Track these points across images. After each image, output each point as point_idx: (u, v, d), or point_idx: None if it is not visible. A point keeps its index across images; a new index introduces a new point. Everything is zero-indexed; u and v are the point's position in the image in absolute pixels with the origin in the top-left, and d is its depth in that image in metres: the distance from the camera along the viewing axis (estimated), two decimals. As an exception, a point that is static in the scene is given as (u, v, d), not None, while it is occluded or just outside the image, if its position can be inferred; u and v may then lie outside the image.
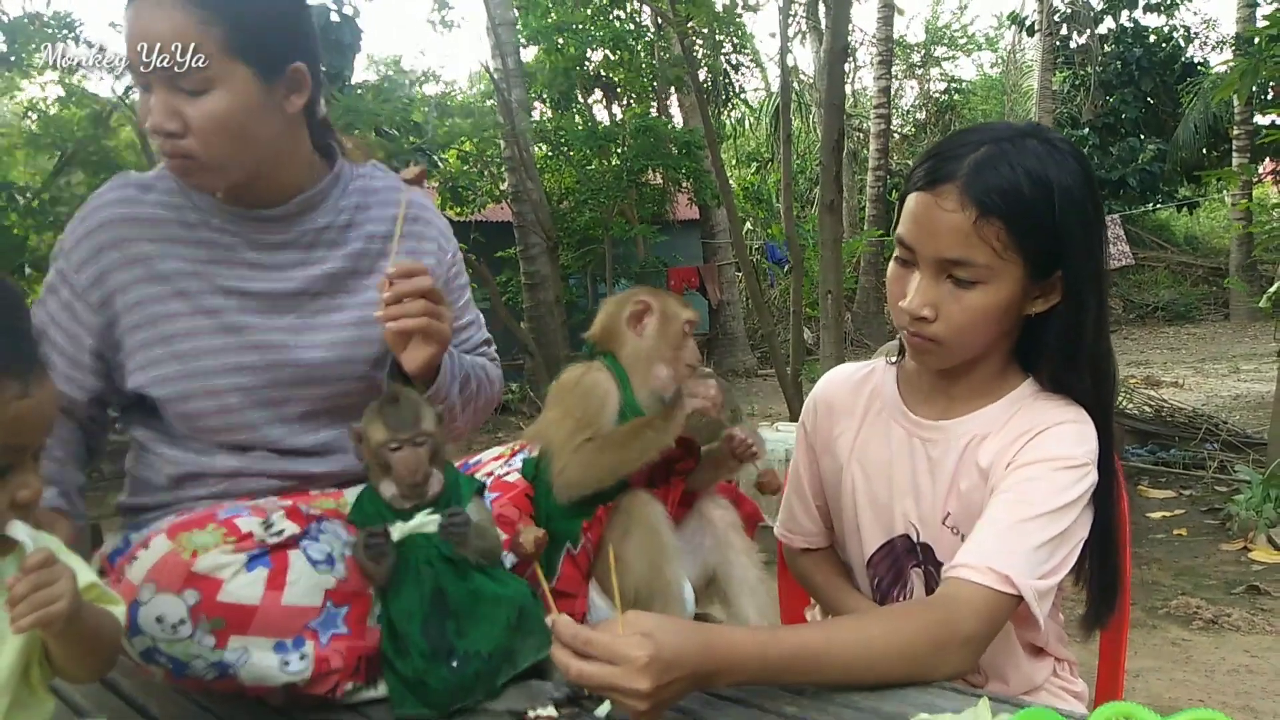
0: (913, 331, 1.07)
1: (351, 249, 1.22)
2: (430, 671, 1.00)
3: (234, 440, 1.17)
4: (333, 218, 1.21)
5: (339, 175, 1.23)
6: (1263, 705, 2.61)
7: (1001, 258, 1.00)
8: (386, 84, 8.79)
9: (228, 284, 1.17)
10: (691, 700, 0.99)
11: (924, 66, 20.58)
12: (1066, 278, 1.04)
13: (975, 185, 0.99)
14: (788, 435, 4.72)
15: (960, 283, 1.02)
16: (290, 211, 1.19)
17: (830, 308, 5.18)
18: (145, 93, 1.10)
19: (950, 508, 1.13)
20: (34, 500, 0.77)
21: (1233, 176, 9.44)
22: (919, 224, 1.03)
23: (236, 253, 1.18)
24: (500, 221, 10.30)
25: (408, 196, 1.23)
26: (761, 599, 1.18)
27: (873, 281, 13.41)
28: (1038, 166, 1.00)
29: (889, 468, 1.18)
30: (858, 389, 1.25)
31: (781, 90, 7.62)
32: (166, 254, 1.17)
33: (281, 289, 1.18)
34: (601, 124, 10.87)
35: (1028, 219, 1.00)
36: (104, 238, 1.16)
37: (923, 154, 1.09)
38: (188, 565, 0.96)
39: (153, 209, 1.18)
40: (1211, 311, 14.47)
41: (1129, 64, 14.75)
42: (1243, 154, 12.50)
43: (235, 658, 0.97)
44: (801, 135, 16.22)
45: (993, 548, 1.01)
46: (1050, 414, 1.08)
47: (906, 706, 0.94)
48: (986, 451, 1.10)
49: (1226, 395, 7.89)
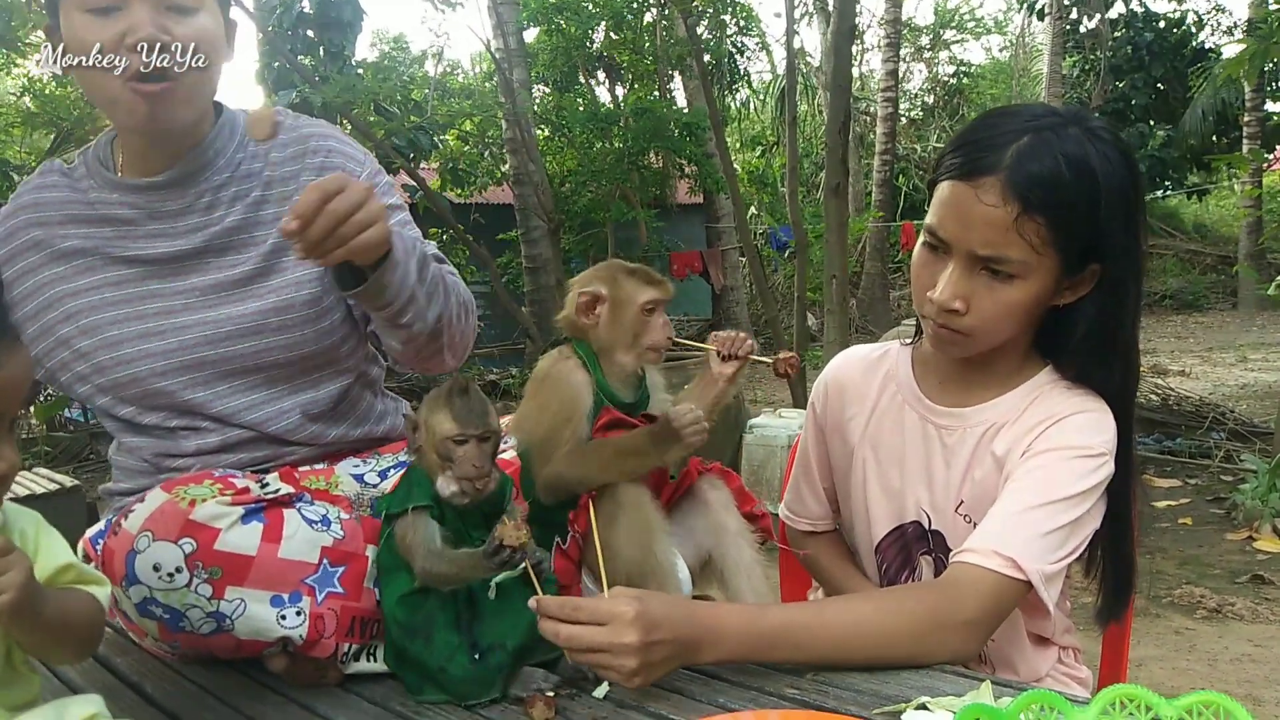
0: (940, 323, 1.04)
1: (252, 198, 1.19)
2: (453, 660, 0.99)
3: (157, 407, 1.17)
4: (229, 173, 1.19)
5: (229, 124, 1.20)
6: (1266, 694, 2.60)
7: (1039, 253, 0.97)
8: (387, 62, 8.72)
9: (129, 253, 1.16)
10: (689, 682, 0.98)
11: (932, 50, 20.40)
12: (1105, 270, 1.01)
13: (1017, 179, 0.95)
14: (791, 422, 4.69)
15: (995, 276, 0.99)
16: (187, 170, 1.17)
17: (835, 292, 5.14)
18: (106, 15, 1.05)
19: (964, 495, 1.11)
20: (8, 473, 0.75)
21: (1243, 162, 9.34)
22: (955, 216, 0.99)
23: (138, 225, 1.17)
24: (501, 204, 10.25)
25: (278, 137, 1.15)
26: (758, 580, 1.16)
27: (878, 267, 13.34)
28: (1081, 157, 0.96)
29: (902, 453, 1.16)
30: (871, 372, 1.23)
31: (787, 72, 7.54)
32: (69, 234, 1.17)
33: (183, 249, 1.16)
34: (604, 106, 10.78)
35: (1070, 214, 0.96)
36: (14, 223, 1.19)
37: (957, 139, 1.05)
38: (185, 514, 0.95)
39: (62, 192, 1.20)
40: (1219, 300, 14.39)
41: (1139, 49, 14.60)
42: (1253, 140, 12.38)
43: (232, 609, 0.97)
44: (807, 118, 16.10)
45: (1001, 532, 0.99)
46: (1069, 403, 1.06)
47: (908, 690, 0.93)
48: (1003, 440, 1.08)
49: (1233, 384, 7.85)
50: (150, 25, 1.05)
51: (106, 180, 1.18)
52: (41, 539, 0.81)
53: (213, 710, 1.02)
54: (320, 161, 1.21)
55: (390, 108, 7.78)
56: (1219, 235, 16.89)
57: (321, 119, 1.29)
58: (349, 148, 1.25)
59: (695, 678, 1.00)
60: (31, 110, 7.03)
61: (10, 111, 7.47)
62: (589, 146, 10.31)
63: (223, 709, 1.02)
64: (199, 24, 1.09)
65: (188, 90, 1.10)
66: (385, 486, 1.26)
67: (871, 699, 0.92)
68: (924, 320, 1.09)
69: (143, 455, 1.21)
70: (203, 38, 1.09)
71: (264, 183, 1.20)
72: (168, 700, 1.05)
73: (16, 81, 7.94)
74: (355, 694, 1.04)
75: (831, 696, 0.94)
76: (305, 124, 1.25)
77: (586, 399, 1.16)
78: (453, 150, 9.22)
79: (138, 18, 1.05)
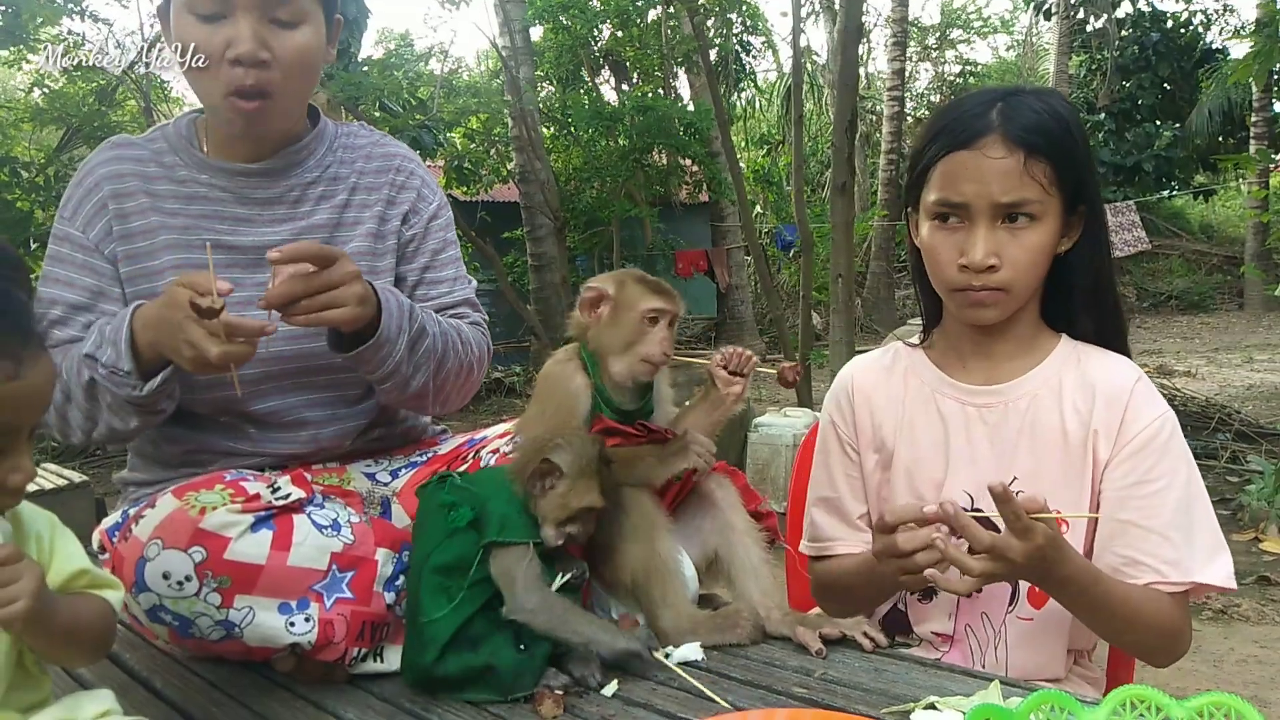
0: (978, 285, 1.08)
1: (337, 200, 1.22)
2: (500, 655, 0.98)
3: (215, 402, 1.16)
4: (319, 173, 1.23)
5: (323, 131, 1.25)
6: (1271, 695, 2.60)
7: (1048, 193, 1.06)
8: (393, 59, 8.72)
9: (216, 238, 1.16)
10: (701, 679, 0.98)
11: (939, 49, 20.34)
12: (1089, 212, 1.11)
13: (1013, 131, 1.05)
14: (796, 421, 4.69)
15: (1015, 225, 1.07)
16: (277, 165, 1.19)
17: (841, 291, 5.14)
18: (212, 21, 1.06)
19: (1016, 471, 1.12)
20: (24, 484, 0.75)
21: (1250, 162, 9.32)
22: (968, 179, 1.07)
23: (226, 207, 1.19)
24: (507, 202, 10.25)
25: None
26: (765, 579, 1.16)
27: (883, 266, 13.31)
28: (1053, 109, 1.08)
29: (943, 442, 1.16)
30: (889, 373, 1.24)
31: (794, 70, 7.52)
32: (157, 208, 1.17)
33: (269, 239, 1.17)
34: (609, 104, 10.77)
35: (1063, 154, 1.07)
36: (103, 194, 1.18)
37: (929, 129, 1.13)
38: (195, 522, 0.95)
39: (143, 165, 1.19)
40: (1226, 301, 14.33)
41: (1146, 49, 14.53)
42: (1260, 141, 12.33)
43: (240, 617, 0.97)
44: (813, 117, 16.08)
45: (1182, 560, 1.07)
46: (1113, 369, 1.12)
47: (916, 690, 0.93)
48: (1067, 413, 1.11)
49: (1239, 385, 7.82)
50: (251, 41, 1.06)
51: (196, 160, 1.19)
52: (57, 543, 0.80)
53: (222, 706, 1.03)
54: (401, 180, 1.27)
55: (395, 105, 7.77)
56: (1225, 236, 16.82)
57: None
58: (427, 175, 1.31)
59: (702, 675, 1.00)
60: (40, 106, 7.02)
61: (19, 107, 7.47)
62: (594, 144, 10.30)
63: (232, 705, 1.03)
64: (300, 40, 1.09)
65: (284, 106, 1.13)
66: (396, 485, 1.26)
67: (880, 698, 0.92)
68: (951, 295, 1.12)
69: (166, 449, 1.21)
70: (303, 55, 1.10)
71: (350, 188, 1.24)
72: (178, 696, 1.05)
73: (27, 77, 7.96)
74: (364, 690, 1.04)
75: (840, 696, 0.94)
76: (390, 144, 1.30)
77: (584, 403, 1.16)
78: (459, 148, 9.21)
79: (241, 31, 1.06)
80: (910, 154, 1.20)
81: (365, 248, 1.22)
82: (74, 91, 7.07)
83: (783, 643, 1.10)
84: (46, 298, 1.16)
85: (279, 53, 1.08)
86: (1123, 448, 1.09)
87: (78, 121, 6.84)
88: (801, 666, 1.02)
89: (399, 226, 1.26)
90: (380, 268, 1.23)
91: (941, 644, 1.18)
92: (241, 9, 1.06)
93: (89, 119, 6.77)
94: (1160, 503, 1.08)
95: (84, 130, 6.84)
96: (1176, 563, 1.06)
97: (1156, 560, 1.07)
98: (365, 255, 1.22)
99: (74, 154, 7.02)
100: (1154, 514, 1.08)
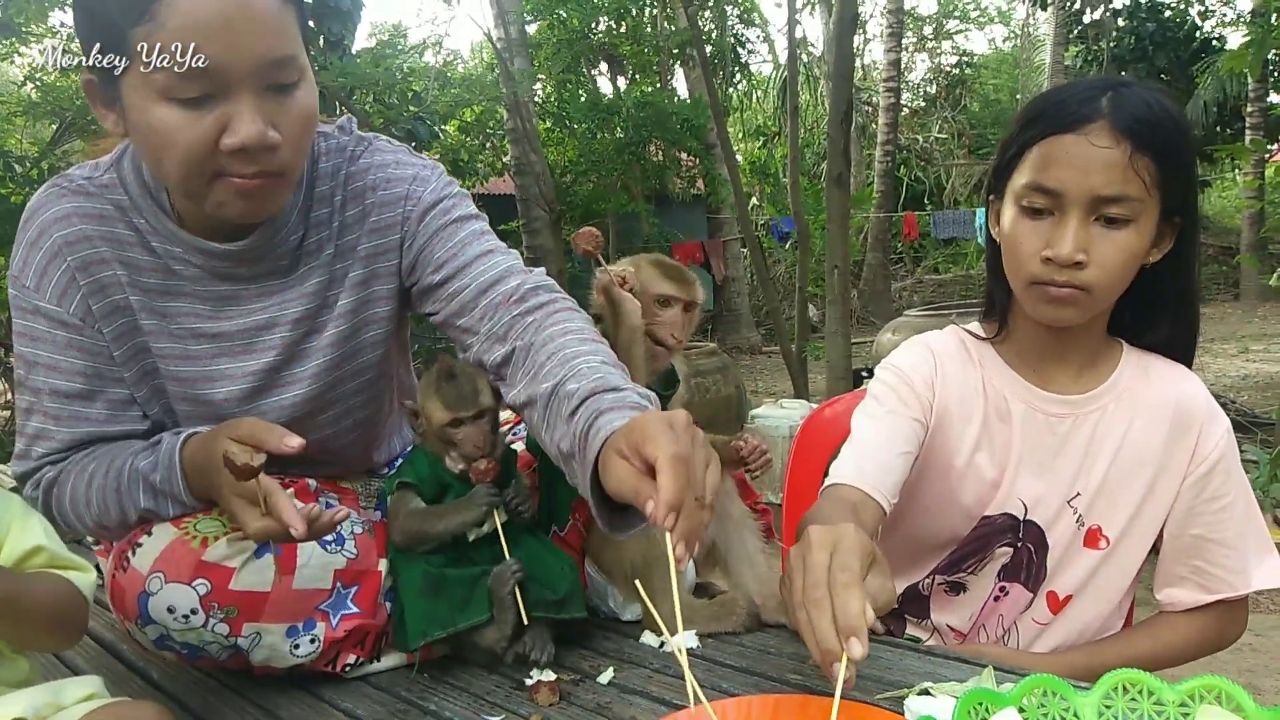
0: (1061, 281, 1.01)
1: (324, 256, 1.04)
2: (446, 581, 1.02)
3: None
4: (303, 228, 1.03)
5: (300, 175, 1.01)
6: (1265, 683, 2.61)
7: (1149, 194, 0.99)
8: (388, 51, 8.67)
9: (197, 325, 1.02)
10: (698, 669, 0.98)
11: (935, 40, 20.29)
12: (1185, 222, 1.05)
13: (1122, 121, 0.98)
14: (792, 412, 4.70)
15: (1111, 223, 1.00)
16: (263, 240, 1.00)
17: (837, 283, 5.13)
18: (199, 106, 0.84)
19: (1080, 487, 1.11)
20: None
21: (1245, 153, 9.29)
22: (1069, 164, 0.99)
23: (206, 285, 1.01)
24: (503, 194, 10.22)
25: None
26: (761, 568, 1.16)
27: (879, 258, 13.31)
28: (1165, 104, 1.01)
29: (1009, 445, 1.12)
30: (967, 363, 1.16)
31: (789, 62, 7.51)
32: (135, 283, 1.00)
33: (258, 322, 1.04)
34: (605, 97, 10.74)
35: (1171, 152, 1.00)
36: (68, 263, 0.99)
37: (1026, 111, 1.06)
38: (196, 554, 0.93)
39: (110, 226, 1.00)
40: (1221, 291, 14.35)
41: (1142, 39, 14.50)
42: (1256, 131, 12.31)
43: (248, 642, 0.97)
44: (809, 108, 16.04)
45: (1244, 570, 1.10)
46: (1183, 386, 1.11)
47: (910, 676, 0.93)
48: (1138, 431, 1.09)
49: (1235, 375, 7.84)
50: (255, 122, 0.85)
51: (171, 233, 1.00)
52: (15, 522, 0.79)
53: (218, 695, 1.03)
54: (380, 196, 1.05)
55: (389, 99, 7.74)
56: (1221, 226, 16.83)
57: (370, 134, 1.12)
58: (404, 169, 1.07)
59: (698, 663, 1.01)
60: (33, 100, 6.98)
61: (12, 100, 7.42)
62: (590, 137, 10.27)
63: (228, 695, 1.03)
64: (301, 101, 0.89)
65: (290, 177, 0.93)
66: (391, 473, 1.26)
67: (874, 684, 0.92)
68: (1028, 289, 1.04)
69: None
70: (307, 116, 0.90)
71: (336, 232, 1.05)
72: (173, 687, 1.05)
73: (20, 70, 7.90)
74: (362, 680, 1.05)
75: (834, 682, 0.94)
76: (357, 165, 1.06)
77: None
78: (454, 141, 9.18)
79: (239, 113, 0.85)
80: (1001, 139, 1.10)
81: (350, 306, 1.06)
82: (68, 85, 7.03)
83: (778, 630, 1.10)
84: (32, 386, 0.99)
85: (284, 125, 0.88)
86: (1196, 468, 1.09)
87: (71, 115, 6.80)
88: (796, 654, 1.02)
89: (396, 263, 1.08)
90: (377, 315, 1.08)
91: (954, 639, 1.18)
92: (237, 85, 0.84)
93: (82, 112, 6.73)
94: (1228, 517, 1.10)
95: (77, 124, 6.81)
96: (1240, 571, 1.09)
97: (1224, 571, 1.10)
98: (352, 313, 1.07)
99: (68, 148, 6.98)
100: (1223, 527, 1.09)
